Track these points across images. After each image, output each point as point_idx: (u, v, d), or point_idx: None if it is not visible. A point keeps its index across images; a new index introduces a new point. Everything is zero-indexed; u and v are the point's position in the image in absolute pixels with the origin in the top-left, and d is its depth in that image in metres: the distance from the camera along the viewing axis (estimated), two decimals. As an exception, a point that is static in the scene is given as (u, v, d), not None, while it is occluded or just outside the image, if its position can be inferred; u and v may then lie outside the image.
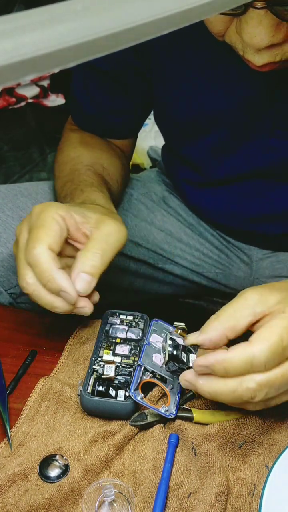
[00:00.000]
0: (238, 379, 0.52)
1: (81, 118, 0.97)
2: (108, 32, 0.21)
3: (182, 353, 0.62)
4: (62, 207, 0.64)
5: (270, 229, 0.96)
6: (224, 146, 0.86)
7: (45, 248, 0.60)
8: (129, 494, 0.54)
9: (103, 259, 0.63)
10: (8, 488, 0.56)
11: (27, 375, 0.68)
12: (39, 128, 2.18)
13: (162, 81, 0.85)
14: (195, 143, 0.89)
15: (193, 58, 0.79)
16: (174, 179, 1.05)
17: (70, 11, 0.21)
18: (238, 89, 0.78)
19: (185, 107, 0.84)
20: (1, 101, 2.26)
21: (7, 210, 0.91)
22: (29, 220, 0.64)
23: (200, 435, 0.59)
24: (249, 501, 0.56)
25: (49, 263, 0.60)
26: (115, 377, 0.63)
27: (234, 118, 0.81)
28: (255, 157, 0.85)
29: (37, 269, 0.61)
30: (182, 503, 0.55)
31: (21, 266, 0.63)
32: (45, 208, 0.63)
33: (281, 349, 0.51)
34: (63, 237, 0.63)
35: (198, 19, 0.23)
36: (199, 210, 1.02)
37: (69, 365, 0.69)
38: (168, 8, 0.22)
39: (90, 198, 0.77)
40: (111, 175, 0.91)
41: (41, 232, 0.61)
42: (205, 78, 0.80)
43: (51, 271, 0.60)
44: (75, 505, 0.55)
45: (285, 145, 0.81)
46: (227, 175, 0.89)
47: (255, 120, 0.80)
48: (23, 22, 0.20)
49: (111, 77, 0.88)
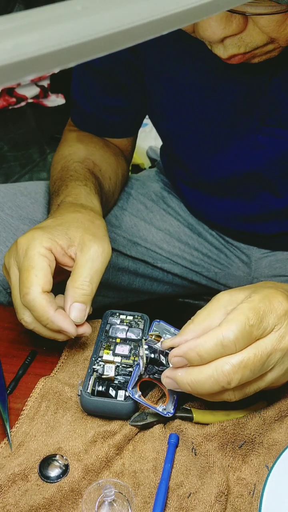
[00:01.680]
0: (212, 365, 0.53)
1: (78, 117, 0.98)
2: (108, 32, 0.21)
3: (160, 355, 0.62)
4: (46, 238, 0.64)
5: (267, 228, 0.96)
6: (213, 145, 0.86)
7: (38, 292, 0.61)
8: (129, 494, 0.54)
9: (92, 286, 0.64)
10: (8, 488, 0.56)
11: (27, 375, 0.68)
12: (39, 128, 2.18)
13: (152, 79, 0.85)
14: (185, 142, 0.89)
15: (180, 58, 0.79)
16: (171, 179, 1.05)
17: (70, 11, 0.21)
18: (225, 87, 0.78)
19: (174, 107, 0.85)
20: (1, 101, 2.26)
21: (7, 209, 0.91)
22: (16, 256, 0.65)
23: (200, 435, 0.59)
24: (249, 501, 0.56)
25: (44, 308, 0.61)
26: (115, 377, 0.63)
27: (222, 117, 0.81)
28: (244, 157, 0.84)
29: (34, 313, 0.62)
30: (182, 503, 0.55)
31: (18, 306, 0.64)
32: (30, 243, 0.63)
33: (248, 327, 0.52)
34: (52, 270, 0.64)
35: (198, 19, 0.23)
36: (196, 210, 1.02)
37: (69, 365, 0.69)
38: (168, 8, 0.22)
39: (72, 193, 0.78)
40: (102, 171, 0.91)
41: (31, 275, 0.61)
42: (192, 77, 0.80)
43: (48, 315, 0.61)
44: (75, 505, 0.55)
45: (272, 142, 0.81)
46: (218, 175, 0.89)
47: (242, 118, 0.80)
48: (23, 22, 0.20)
49: (105, 75, 0.88)
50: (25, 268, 0.62)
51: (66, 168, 0.87)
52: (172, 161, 0.99)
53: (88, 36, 0.20)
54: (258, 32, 0.59)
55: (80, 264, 0.65)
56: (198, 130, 0.85)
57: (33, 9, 0.20)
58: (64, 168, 0.87)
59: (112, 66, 0.86)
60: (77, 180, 0.82)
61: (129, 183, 1.06)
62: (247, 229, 0.98)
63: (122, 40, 0.21)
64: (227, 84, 0.78)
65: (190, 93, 0.81)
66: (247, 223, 0.96)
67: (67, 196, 0.78)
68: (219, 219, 0.99)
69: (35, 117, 2.24)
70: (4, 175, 1.96)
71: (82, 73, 0.91)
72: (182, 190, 1.00)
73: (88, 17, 0.21)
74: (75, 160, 0.89)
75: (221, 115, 0.81)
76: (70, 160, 0.89)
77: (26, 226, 0.91)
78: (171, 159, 0.99)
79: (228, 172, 0.88)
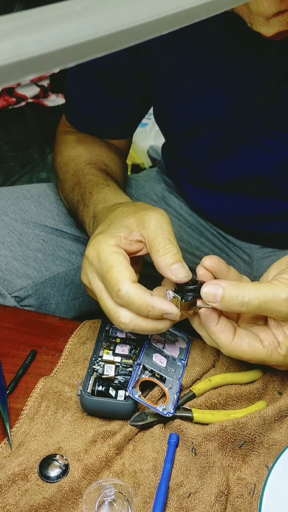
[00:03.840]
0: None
1: (77, 119, 0.97)
2: (108, 32, 0.21)
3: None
4: (108, 238, 0.63)
5: (271, 228, 0.96)
6: (221, 148, 0.86)
7: (129, 284, 0.59)
8: (129, 494, 0.54)
9: (175, 244, 0.63)
10: (8, 488, 0.56)
11: (27, 375, 0.68)
12: (39, 128, 2.18)
13: (160, 82, 0.85)
14: (192, 144, 0.89)
15: (189, 61, 0.79)
16: (174, 178, 1.05)
17: (70, 11, 0.21)
18: (234, 91, 0.78)
19: (181, 110, 0.84)
20: (1, 101, 2.26)
21: (10, 213, 0.91)
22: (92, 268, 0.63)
23: (200, 435, 0.59)
24: (249, 501, 0.56)
25: (141, 297, 0.59)
26: (115, 377, 0.63)
27: (230, 120, 0.81)
28: (252, 160, 0.84)
29: (133, 306, 0.60)
30: (182, 503, 0.55)
31: (112, 311, 0.62)
32: (98, 249, 0.62)
33: None
34: (129, 262, 0.63)
35: (198, 19, 0.23)
36: (199, 209, 1.02)
37: (69, 365, 0.69)
38: (168, 8, 0.22)
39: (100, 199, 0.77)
40: (113, 171, 0.91)
41: (114, 272, 0.60)
42: (201, 80, 0.79)
43: (147, 302, 0.59)
44: (75, 505, 0.55)
45: (279, 146, 0.81)
46: (225, 177, 0.89)
47: (250, 122, 0.80)
48: (23, 22, 0.20)
49: (107, 76, 0.88)
50: (105, 271, 0.61)
51: (80, 171, 0.86)
52: (175, 160, 0.99)
53: (88, 36, 0.20)
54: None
55: (152, 237, 0.63)
56: (206, 133, 0.85)
57: (33, 9, 0.20)
58: (78, 172, 0.86)
59: (116, 69, 0.86)
60: (98, 184, 0.81)
61: (130, 183, 1.06)
62: (252, 229, 0.98)
63: (122, 40, 0.21)
64: (235, 88, 0.78)
65: (198, 96, 0.81)
66: (252, 223, 0.96)
67: (97, 205, 0.76)
68: (223, 217, 0.99)
69: (35, 117, 2.24)
70: (4, 175, 1.96)
71: (82, 75, 0.90)
72: (186, 189, 1.00)
73: (88, 17, 0.21)
74: (87, 162, 0.88)
75: (229, 119, 0.81)
76: (81, 163, 0.88)
77: (30, 230, 0.91)
78: (175, 159, 0.99)
79: (235, 174, 0.88)
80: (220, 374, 0.67)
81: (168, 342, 0.69)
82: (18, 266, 0.88)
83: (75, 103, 0.95)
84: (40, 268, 0.90)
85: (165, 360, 0.66)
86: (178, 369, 0.66)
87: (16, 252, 0.88)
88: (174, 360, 0.67)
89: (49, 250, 0.92)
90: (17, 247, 0.89)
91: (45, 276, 0.90)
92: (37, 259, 0.90)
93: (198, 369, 0.67)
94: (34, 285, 0.89)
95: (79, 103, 0.94)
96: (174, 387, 0.64)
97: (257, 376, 0.66)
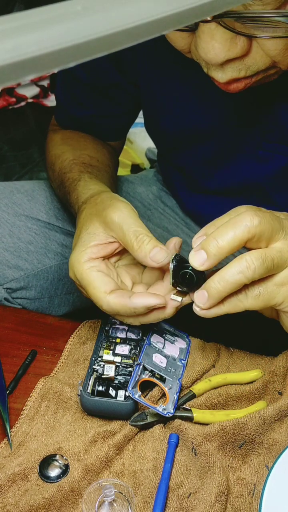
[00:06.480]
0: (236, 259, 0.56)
1: (64, 121, 0.97)
2: (108, 32, 0.21)
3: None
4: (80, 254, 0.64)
5: None
6: (214, 158, 0.85)
7: (106, 298, 0.61)
8: (129, 494, 0.54)
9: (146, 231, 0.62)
10: (8, 488, 0.56)
11: (27, 375, 0.68)
12: (39, 128, 2.18)
13: (150, 96, 0.84)
14: (185, 154, 0.88)
15: (179, 73, 0.78)
16: (168, 184, 1.05)
17: (70, 11, 0.21)
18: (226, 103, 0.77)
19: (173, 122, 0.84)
20: (1, 101, 2.26)
21: (3, 206, 0.91)
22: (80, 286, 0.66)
23: (200, 435, 0.59)
24: (249, 501, 0.56)
25: (121, 304, 0.61)
26: (115, 377, 0.63)
27: (222, 132, 0.81)
28: (245, 169, 0.84)
29: (121, 313, 0.62)
30: (182, 503, 0.55)
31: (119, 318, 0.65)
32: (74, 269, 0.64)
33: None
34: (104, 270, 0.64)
35: (198, 19, 0.23)
36: (195, 214, 1.02)
37: (69, 365, 0.69)
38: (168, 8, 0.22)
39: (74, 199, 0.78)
40: (100, 161, 0.90)
41: (91, 290, 0.62)
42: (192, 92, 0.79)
43: (128, 307, 0.60)
44: (75, 505, 0.55)
45: (273, 157, 0.81)
46: (220, 184, 0.89)
47: (243, 134, 0.80)
48: (23, 22, 0.20)
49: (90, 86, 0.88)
50: (86, 288, 0.63)
51: (63, 170, 0.86)
52: (170, 168, 0.99)
53: (88, 36, 0.20)
54: (262, 55, 0.57)
55: (121, 236, 0.63)
56: (197, 145, 0.84)
57: (33, 9, 0.20)
58: (61, 171, 0.87)
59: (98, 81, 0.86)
60: (73, 181, 0.81)
61: (128, 183, 1.06)
62: None
63: (122, 40, 0.21)
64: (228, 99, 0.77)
65: (188, 109, 0.80)
66: None
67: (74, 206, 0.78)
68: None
69: (35, 117, 2.24)
70: (4, 175, 1.96)
71: (68, 82, 0.90)
72: (180, 195, 1.00)
73: (88, 17, 0.21)
74: (70, 159, 0.88)
75: (222, 130, 0.81)
76: (65, 160, 0.88)
77: (22, 223, 0.91)
78: (169, 166, 0.99)
79: (231, 182, 0.88)
80: (220, 374, 0.67)
81: (168, 342, 0.69)
82: (9, 257, 0.88)
83: (63, 106, 0.95)
84: (32, 260, 0.90)
85: (165, 360, 0.66)
86: (178, 369, 0.66)
87: (7, 243, 0.89)
88: (174, 360, 0.67)
89: (40, 242, 0.92)
90: (8, 239, 0.89)
91: (37, 268, 0.90)
92: (29, 251, 0.90)
93: (198, 369, 0.67)
94: (26, 277, 0.89)
95: (67, 107, 0.94)
96: (174, 387, 0.64)
97: (257, 376, 0.66)
